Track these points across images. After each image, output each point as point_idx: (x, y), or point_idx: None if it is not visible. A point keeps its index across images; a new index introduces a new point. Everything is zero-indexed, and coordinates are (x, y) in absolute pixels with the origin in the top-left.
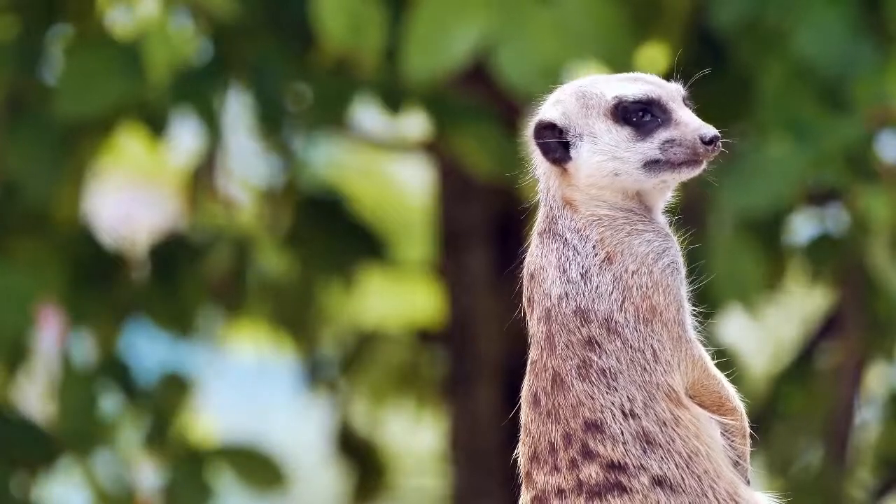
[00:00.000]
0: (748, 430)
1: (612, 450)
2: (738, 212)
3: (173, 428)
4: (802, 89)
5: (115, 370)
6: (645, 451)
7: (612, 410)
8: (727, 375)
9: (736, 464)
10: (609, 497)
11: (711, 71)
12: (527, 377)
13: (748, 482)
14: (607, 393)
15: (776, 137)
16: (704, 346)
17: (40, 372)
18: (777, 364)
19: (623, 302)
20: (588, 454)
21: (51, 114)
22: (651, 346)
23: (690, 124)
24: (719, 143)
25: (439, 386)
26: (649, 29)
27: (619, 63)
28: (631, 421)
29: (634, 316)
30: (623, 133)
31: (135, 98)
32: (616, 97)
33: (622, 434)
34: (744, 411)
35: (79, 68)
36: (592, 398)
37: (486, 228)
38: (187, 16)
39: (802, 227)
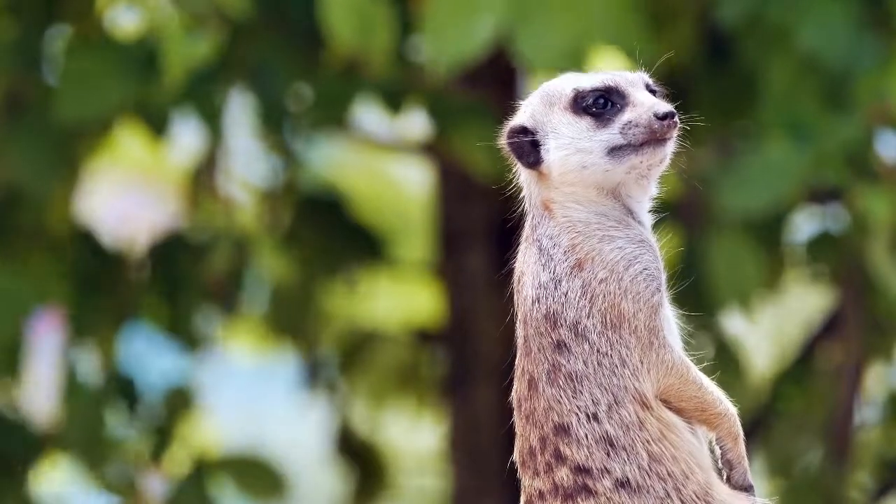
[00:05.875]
0: (740, 433)
1: (578, 453)
2: (739, 212)
3: (177, 442)
4: (807, 85)
5: (119, 385)
6: (608, 454)
7: (577, 414)
8: (727, 376)
9: (729, 468)
10: (578, 499)
11: (717, 68)
12: (514, 381)
13: (749, 486)
14: (573, 397)
15: (776, 137)
16: (691, 348)
17: (42, 376)
18: (777, 364)
19: (591, 308)
20: (559, 457)
21: (51, 114)
22: (619, 351)
23: (645, 103)
24: (676, 119)
25: (439, 386)
26: (663, 24)
27: (635, 49)
28: (595, 424)
29: (602, 322)
30: (583, 124)
31: (135, 99)
32: (574, 89)
33: (586, 437)
34: (734, 415)
35: (78, 70)
36: (559, 402)
37: (485, 228)
38: (199, 17)
39: (803, 226)
